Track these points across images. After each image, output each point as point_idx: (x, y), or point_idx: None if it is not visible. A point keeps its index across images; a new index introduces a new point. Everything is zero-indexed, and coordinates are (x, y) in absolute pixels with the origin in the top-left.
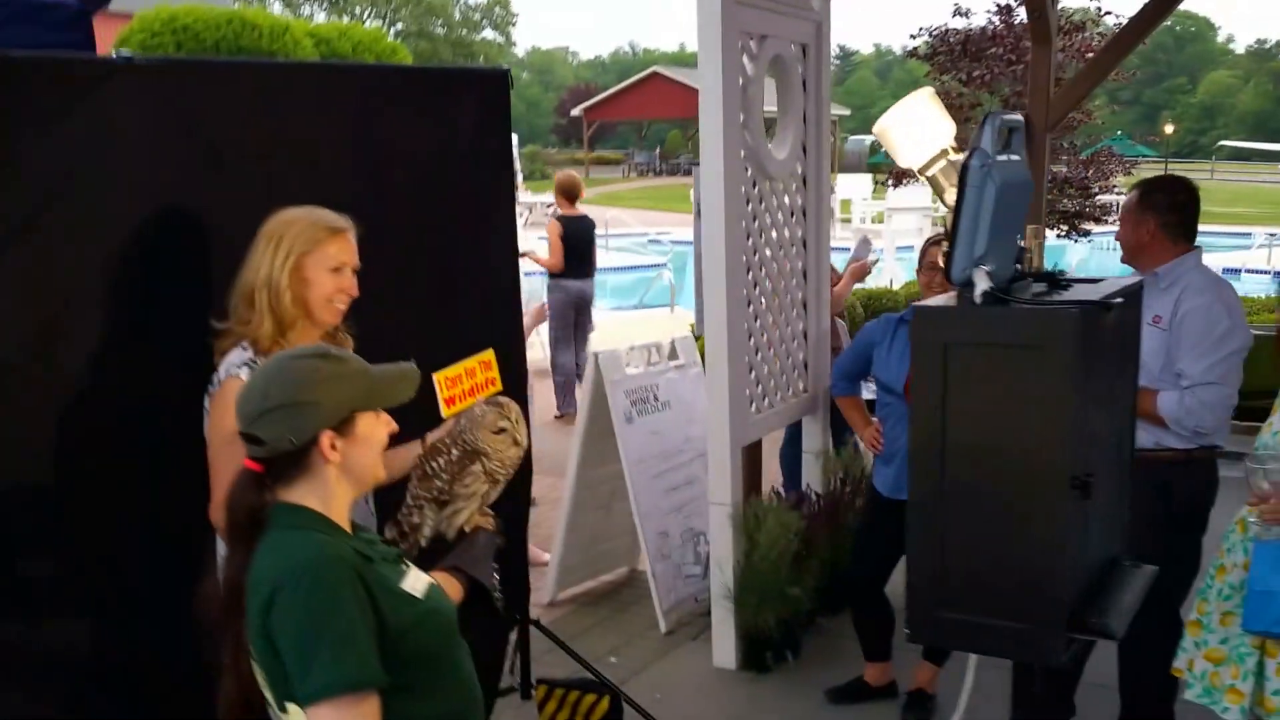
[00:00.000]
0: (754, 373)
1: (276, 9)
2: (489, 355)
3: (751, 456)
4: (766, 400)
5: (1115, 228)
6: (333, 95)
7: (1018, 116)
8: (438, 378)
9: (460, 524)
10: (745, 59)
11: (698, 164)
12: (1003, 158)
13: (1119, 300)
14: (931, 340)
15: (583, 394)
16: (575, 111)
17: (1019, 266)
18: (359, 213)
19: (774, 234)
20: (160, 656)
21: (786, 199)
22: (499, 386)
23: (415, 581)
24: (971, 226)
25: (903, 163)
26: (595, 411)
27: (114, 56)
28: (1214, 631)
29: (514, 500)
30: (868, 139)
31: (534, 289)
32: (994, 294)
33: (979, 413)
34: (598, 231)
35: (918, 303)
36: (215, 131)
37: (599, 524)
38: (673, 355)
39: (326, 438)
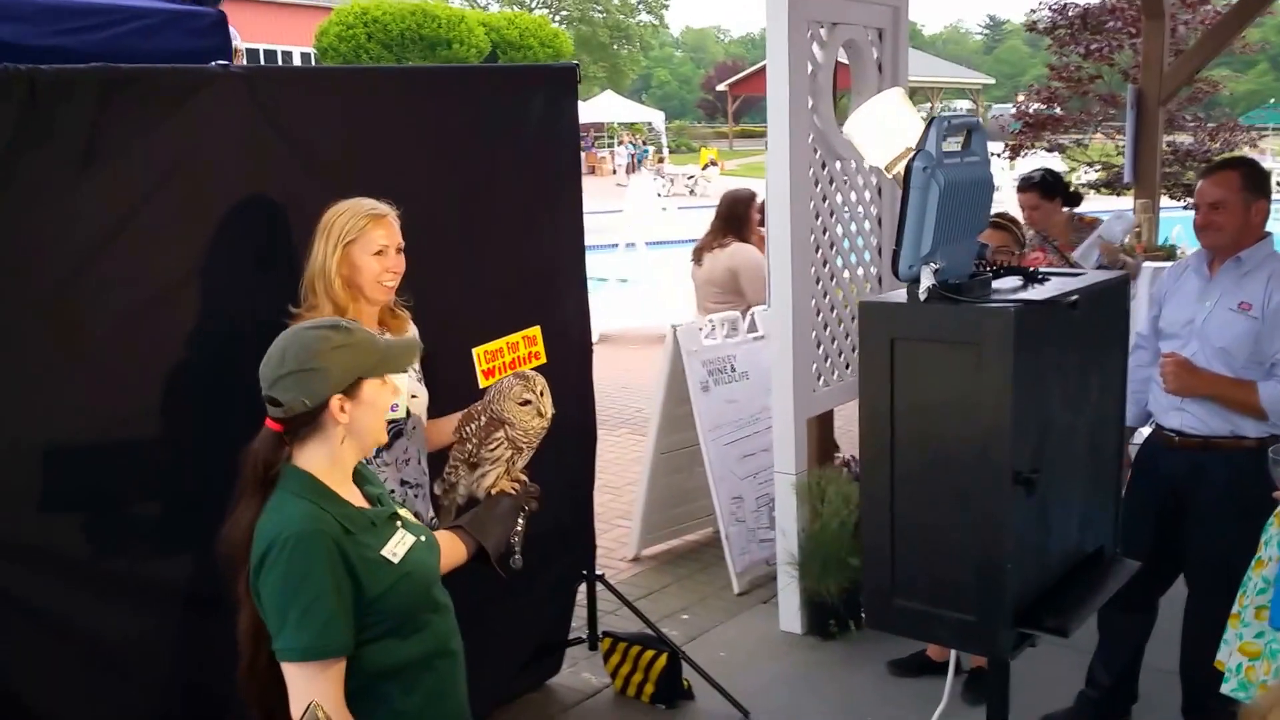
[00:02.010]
0: (822, 347)
1: (456, 1)
2: (534, 331)
3: (823, 427)
4: (835, 374)
5: None
6: (411, 96)
7: (975, 118)
8: (476, 352)
9: (488, 486)
10: (815, 46)
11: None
12: (955, 160)
13: (1074, 298)
14: (879, 334)
15: (660, 363)
16: (721, 87)
17: (982, 263)
18: (431, 202)
19: (845, 212)
20: None
21: (860, 178)
22: (543, 360)
23: (397, 545)
24: (917, 225)
25: (870, 162)
26: (673, 380)
27: (210, 66)
28: (1249, 625)
29: (582, 463)
30: (1010, 108)
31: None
32: (938, 291)
33: (925, 406)
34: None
35: (866, 299)
36: (301, 132)
37: (680, 486)
38: (752, 328)
39: (336, 401)
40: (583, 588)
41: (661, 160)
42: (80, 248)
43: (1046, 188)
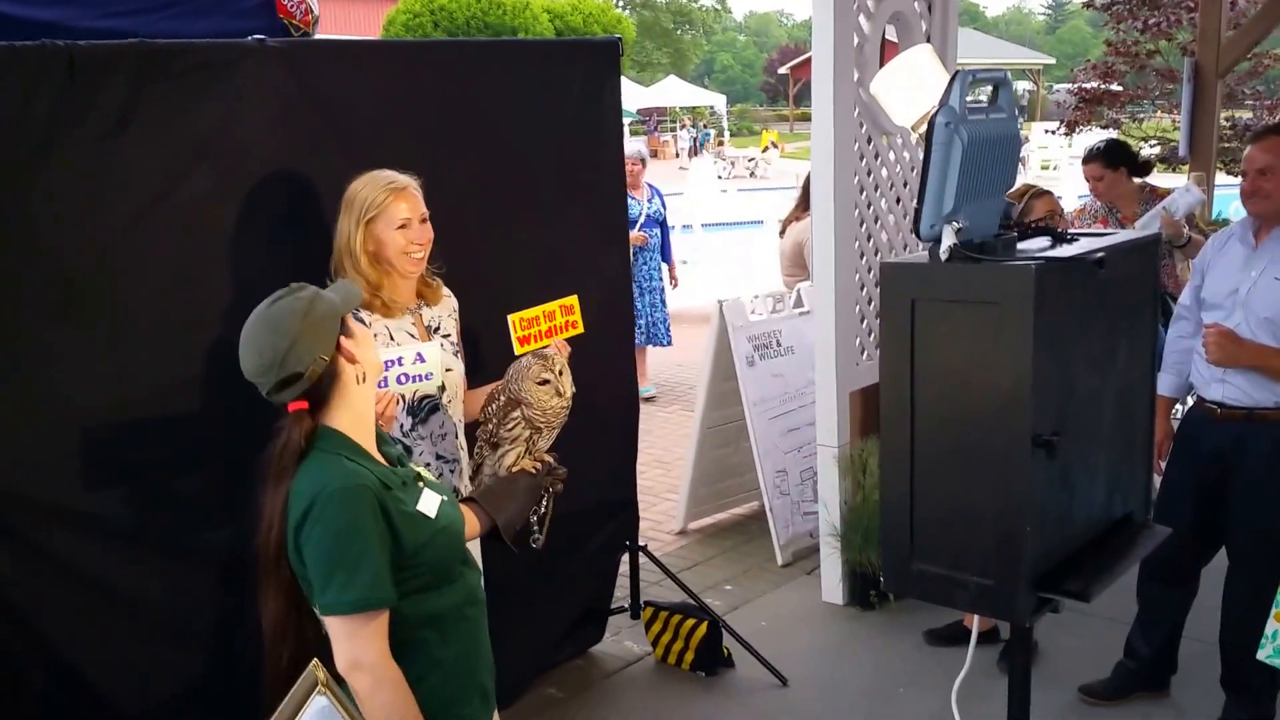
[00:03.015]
0: (865, 321)
1: None
2: (572, 300)
3: (865, 401)
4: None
5: None
6: (452, 69)
7: (1002, 73)
8: (512, 319)
9: (508, 465)
10: (861, 18)
11: None
12: (980, 115)
13: (1099, 255)
14: (899, 295)
15: (707, 338)
16: (782, 70)
17: (1008, 223)
18: (470, 172)
19: (890, 186)
20: None
21: (906, 153)
22: (579, 329)
23: (428, 502)
24: (939, 183)
25: (896, 121)
26: (719, 355)
27: (247, 40)
28: None
29: (624, 435)
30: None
31: None
32: (959, 250)
33: (945, 369)
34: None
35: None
36: (339, 105)
37: (726, 461)
38: (798, 303)
39: (344, 340)
40: (626, 558)
41: (722, 143)
42: (118, 221)
43: (1110, 156)
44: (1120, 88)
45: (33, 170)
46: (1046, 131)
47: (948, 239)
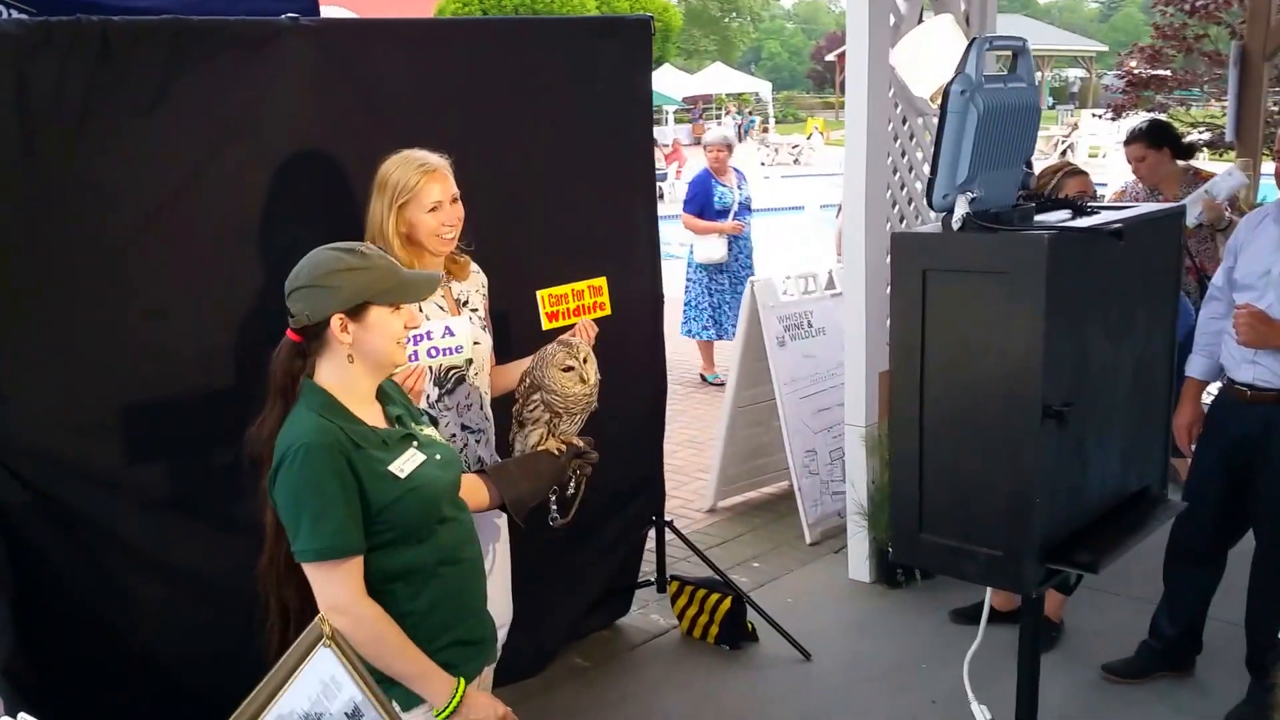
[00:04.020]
0: None
1: None
2: (601, 282)
3: None
4: None
5: None
6: (483, 47)
7: (1021, 40)
8: (541, 294)
9: (532, 444)
10: None
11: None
12: (998, 84)
13: (1117, 227)
14: (911, 266)
15: (740, 319)
16: (830, 57)
17: (1026, 193)
18: (501, 150)
19: (925, 168)
20: None
21: (921, 120)
22: (607, 311)
23: (406, 462)
24: (953, 153)
25: (915, 92)
26: (750, 335)
27: (280, 18)
28: None
29: (651, 411)
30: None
31: None
32: (973, 220)
33: (956, 339)
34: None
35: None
36: (371, 83)
37: (757, 440)
38: (830, 285)
39: (338, 320)
40: (653, 533)
41: (766, 130)
42: (152, 195)
43: (1153, 136)
44: (1168, 72)
45: (71, 143)
46: (1094, 116)
47: (961, 208)
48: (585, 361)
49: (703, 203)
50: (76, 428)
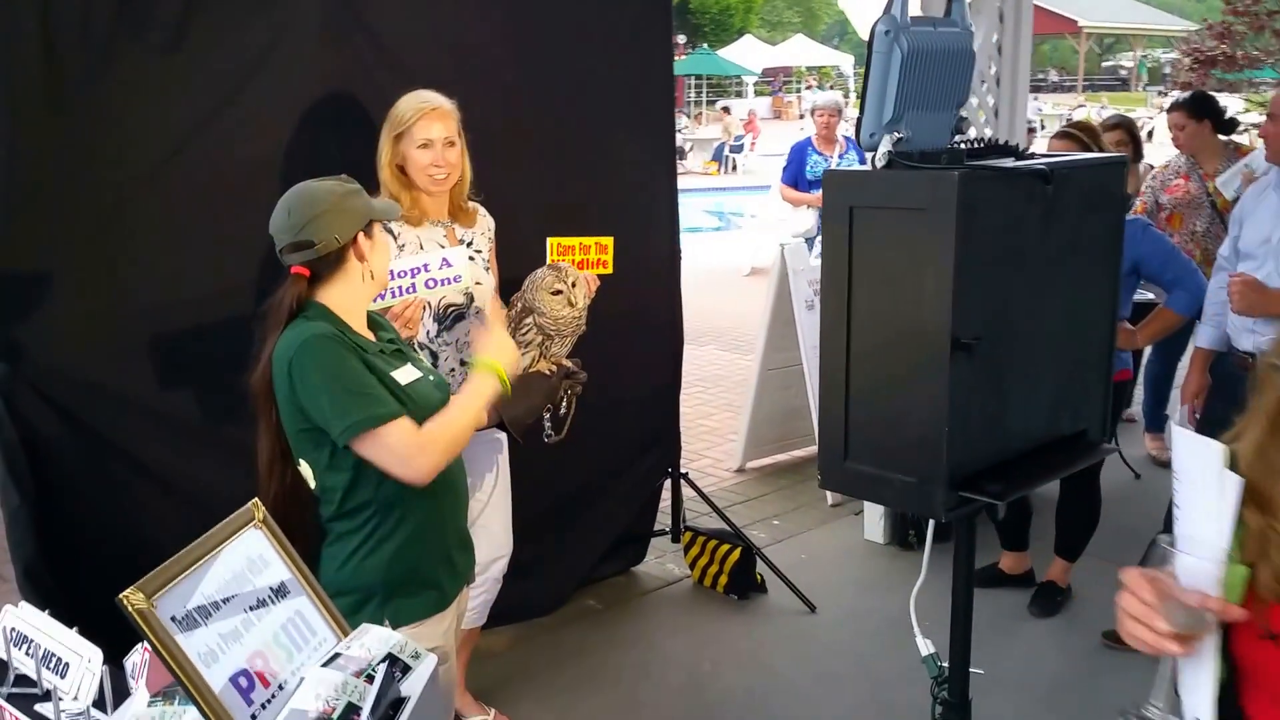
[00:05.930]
0: None
1: None
2: (607, 241)
3: None
4: None
5: None
6: None
7: None
8: (551, 241)
9: (525, 366)
10: None
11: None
12: (927, 27)
13: (1045, 170)
14: (839, 202)
15: (768, 282)
16: None
17: (964, 140)
18: (515, 101)
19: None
20: None
21: (974, 99)
22: (609, 270)
23: (403, 374)
24: (879, 91)
25: (863, 34)
26: (779, 298)
27: None
28: None
29: (668, 366)
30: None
31: None
32: (896, 158)
33: (879, 275)
34: None
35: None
36: (387, 29)
37: (787, 404)
38: None
39: (363, 237)
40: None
41: (846, 104)
42: (174, 131)
43: (1195, 106)
44: (1239, 50)
45: (96, 76)
46: (1160, 94)
47: (884, 146)
48: (574, 286)
49: (795, 172)
50: (106, 354)
